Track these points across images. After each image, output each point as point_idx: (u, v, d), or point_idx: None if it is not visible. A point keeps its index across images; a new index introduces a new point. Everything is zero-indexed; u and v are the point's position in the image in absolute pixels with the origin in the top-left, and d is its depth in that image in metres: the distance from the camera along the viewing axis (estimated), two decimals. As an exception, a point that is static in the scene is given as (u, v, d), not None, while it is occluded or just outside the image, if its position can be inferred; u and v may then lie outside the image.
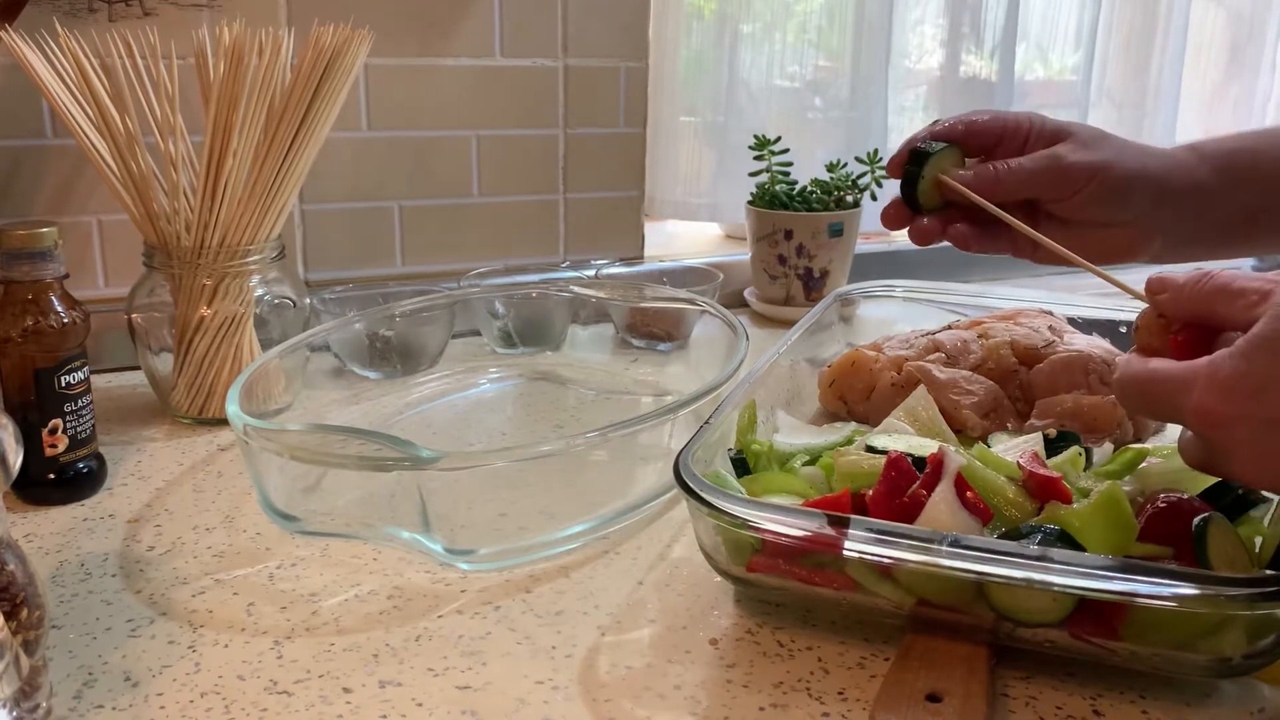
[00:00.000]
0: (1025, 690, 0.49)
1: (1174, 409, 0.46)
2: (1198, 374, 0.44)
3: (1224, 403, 0.43)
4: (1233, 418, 0.43)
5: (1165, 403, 0.46)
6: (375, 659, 0.51)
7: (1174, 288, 0.49)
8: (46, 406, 0.66)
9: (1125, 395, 0.49)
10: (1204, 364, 0.44)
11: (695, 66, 1.29)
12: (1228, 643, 0.45)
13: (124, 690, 0.48)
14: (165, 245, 0.78)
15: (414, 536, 0.59)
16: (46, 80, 0.75)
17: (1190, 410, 0.44)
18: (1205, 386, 0.43)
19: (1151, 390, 0.47)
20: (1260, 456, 0.43)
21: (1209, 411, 0.43)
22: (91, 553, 0.61)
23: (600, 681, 0.49)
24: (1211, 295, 0.47)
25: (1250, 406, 0.42)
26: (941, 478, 0.50)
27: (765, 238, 1.13)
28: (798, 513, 0.49)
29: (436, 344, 0.93)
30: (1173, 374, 0.45)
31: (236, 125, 0.76)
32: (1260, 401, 0.42)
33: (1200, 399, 0.44)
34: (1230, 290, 0.46)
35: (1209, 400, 0.43)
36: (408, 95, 1.02)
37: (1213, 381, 0.43)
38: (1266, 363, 0.42)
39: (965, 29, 1.38)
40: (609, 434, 0.60)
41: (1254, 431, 0.43)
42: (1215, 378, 0.43)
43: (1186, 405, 0.44)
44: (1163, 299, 0.49)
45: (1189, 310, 0.48)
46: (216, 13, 0.92)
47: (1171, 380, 0.45)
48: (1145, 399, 0.47)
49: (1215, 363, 0.44)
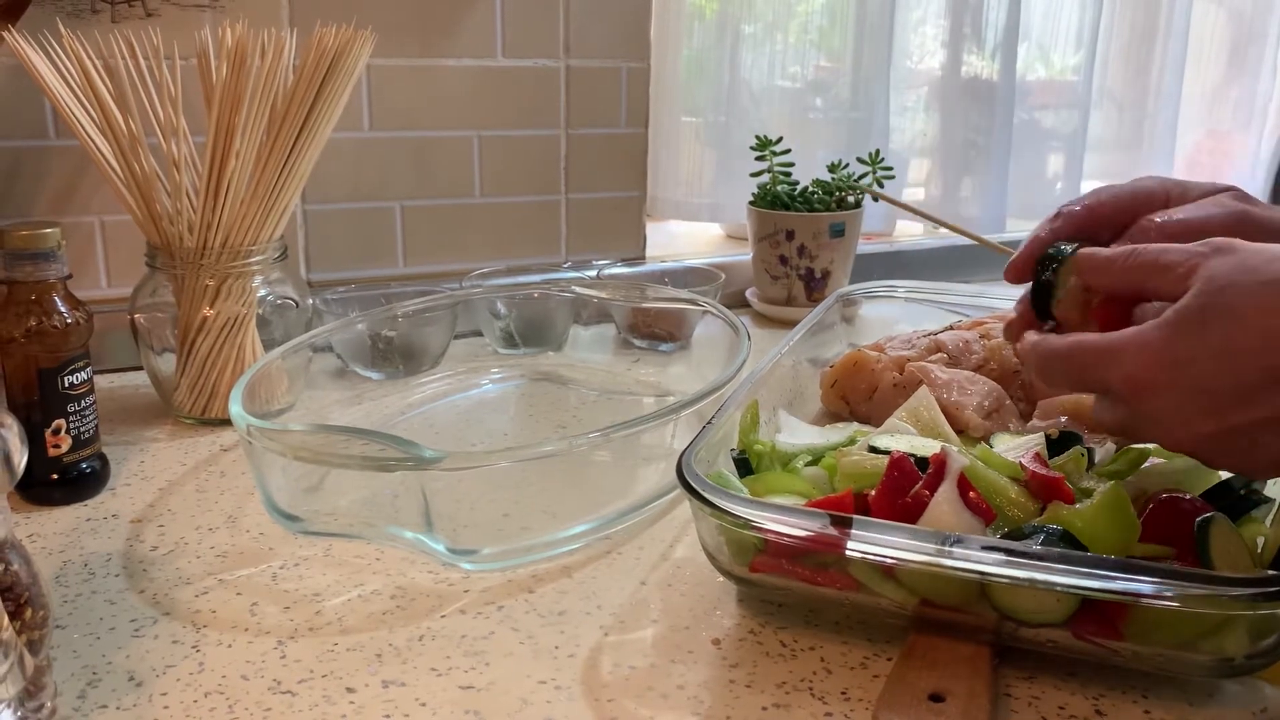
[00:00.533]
0: (1028, 690, 0.49)
1: (1100, 379, 0.47)
2: (1127, 344, 0.46)
3: (1153, 371, 0.45)
4: (1160, 385, 0.45)
5: (1091, 373, 0.47)
6: (378, 659, 0.51)
7: (1104, 262, 0.50)
8: (50, 407, 0.66)
9: (1048, 368, 0.50)
10: (1131, 334, 0.46)
11: (697, 67, 1.29)
12: (1230, 642, 0.45)
13: (128, 690, 0.48)
14: (168, 246, 0.78)
15: (417, 536, 0.59)
16: (49, 81, 0.75)
17: (1119, 379, 0.46)
18: (1134, 356, 0.45)
19: (1077, 361, 0.48)
20: (1183, 424, 0.45)
21: (1138, 380, 0.45)
22: (95, 553, 0.61)
23: (603, 681, 0.49)
24: (1142, 269, 0.48)
25: (1177, 375, 0.44)
26: (944, 478, 0.51)
27: (767, 238, 1.13)
28: (800, 513, 0.49)
29: (439, 344, 0.93)
30: (1100, 344, 0.47)
31: (239, 126, 0.76)
32: (1187, 371, 0.44)
33: (1129, 368, 0.45)
34: (1159, 264, 0.47)
35: (1138, 369, 0.45)
36: (410, 96, 1.02)
37: (1142, 351, 0.45)
38: (1194, 332, 0.44)
39: (966, 29, 1.38)
40: (611, 434, 0.60)
41: (1179, 399, 0.44)
42: (1146, 347, 0.45)
43: (1115, 375, 0.46)
44: (1093, 275, 0.50)
45: (1119, 284, 0.49)
46: (219, 14, 0.92)
47: (1099, 350, 0.47)
48: (1070, 370, 0.49)
49: (1144, 333, 0.45)
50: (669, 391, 0.91)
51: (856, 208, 1.14)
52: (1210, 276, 0.44)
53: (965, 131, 1.41)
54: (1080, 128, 1.51)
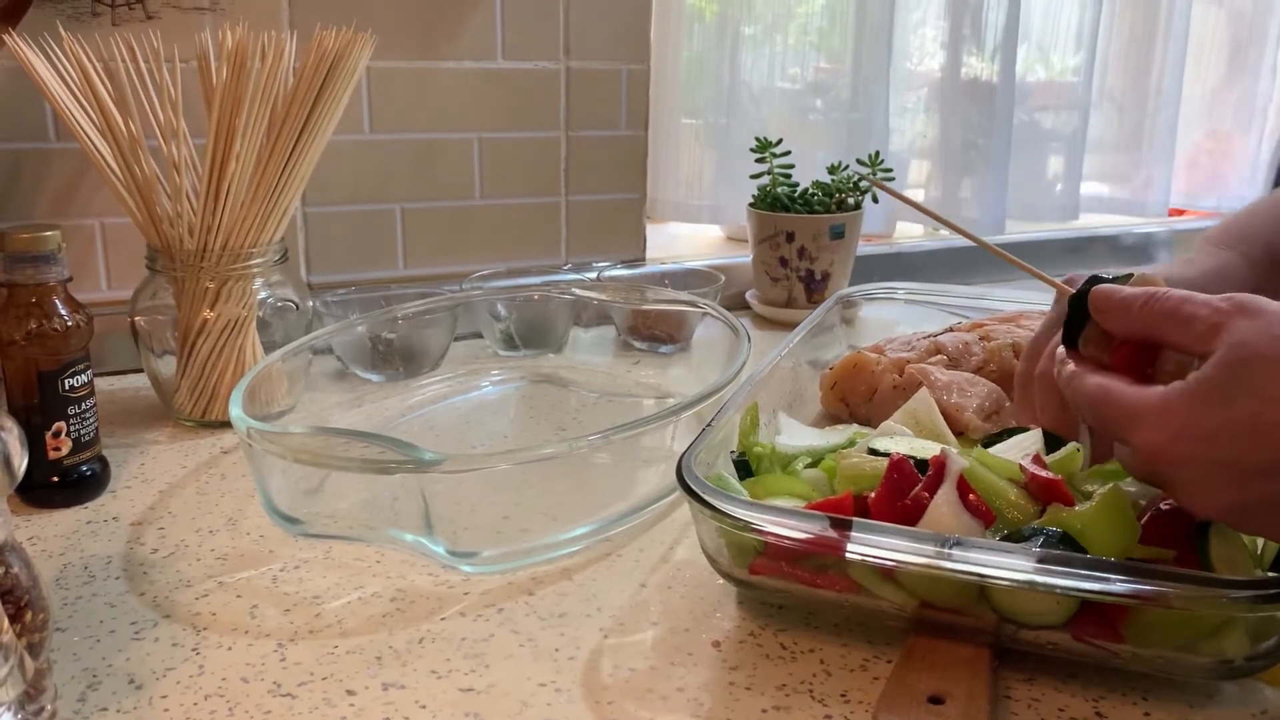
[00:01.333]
0: (1028, 692, 0.49)
1: (1122, 436, 0.46)
2: (1148, 410, 0.44)
3: (1173, 443, 0.43)
4: (1182, 458, 0.43)
5: (1115, 427, 0.47)
6: (378, 661, 0.51)
7: (1119, 306, 0.48)
8: (50, 409, 0.66)
9: (1077, 406, 0.50)
10: (1155, 400, 0.44)
11: (696, 68, 1.30)
12: (1230, 644, 0.45)
13: (128, 693, 0.49)
14: (168, 248, 0.78)
15: (417, 539, 0.59)
16: (50, 83, 0.75)
17: (1138, 444, 0.45)
18: (1154, 424, 0.44)
19: (1102, 412, 0.47)
20: (1205, 494, 0.44)
21: (1158, 449, 0.44)
22: (95, 555, 0.61)
23: (603, 684, 0.49)
24: (1161, 319, 0.46)
25: (1200, 449, 0.43)
26: (944, 480, 0.51)
27: (767, 240, 1.13)
28: (800, 515, 0.50)
29: (439, 346, 0.93)
30: (1124, 402, 0.46)
31: (239, 129, 0.76)
32: (1211, 445, 0.42)
33: (1149, 435, 0.44)
34: (1180, 316, 0.45)
35: (1158, 438, 0.44)
36: (410, 98, 1.02)
37: (1163, 420, 0.44)
38: (1219, 405, 0.42)
39: (966, 30, 1.38)
40: (611, 436, 0.60)
41: (1201, 471, 0.43)
42: (1167, 416, 0.44)
43: (1134, 438, 0.45)
44: (1109, 317, 0.49)
45: (1137, 330, 0.48)
46: (219, 16, 0.92)
47: (1122, 408, 0.46)
48: (1096, 417, 0.48)
49: (1168, 399, 0.44)
50: (669, 393, 0.91)
51: (856, 209, 1.14)
52: (1236, 343, 0.42)
53: (965, 133, 1.41)
54: (1080, 129, 1.51)
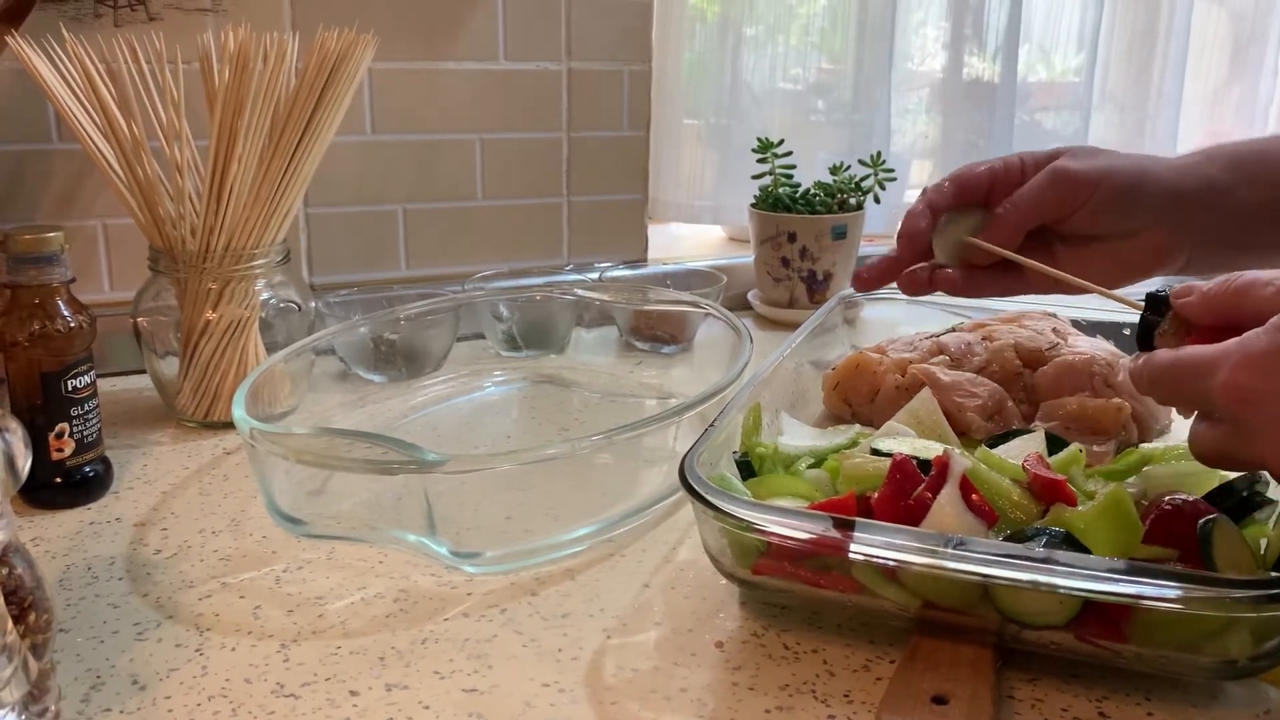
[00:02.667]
0: (1031, 692, 0.49)
1: (1201, 390, 0.45)
2: (1229, 352, 0.44)
3: (1257, 378, 0.43)
4: (1265, 393, 0.43)
5: (1192, 383, 0.46)
6: (382, 662, 0.51)
7: (1199, 291, 0.49)
8: (53, 410, 0.66)
9: (1152, 380, 0.49)
10: (1234, 342, 0.44)
11: (698, 69, 1.30)
12: (1233, 645, 0.45)
13: (131, 693, 0.49)
14: (170, 249, 0.78)
15: (420, 539, 0.59)
16: (52, 85, 0.75)
17: (1219, 386, 0.44)
18: (1237, 362, 0.43)
19: (1178, 371, 0.47)
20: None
21: (1240, 387, 0.43)
22: (98, 556, 0.61)
23: (606, 684, 0.49)
24: (1239, 292, 0.47)
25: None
26: (947, 480, 0.51)
27: (768, 240, 1.13)
28: (803, 515, 0.50)
29: (441, 347, 0.93)
30: (1202, 354, 0.46)
31: (241, 130, 0.76)
32: None
33: (1231, 375, 0.43)
34: (1258, 282, 0.46)
35: (1241, 376, 0.43)
36: (412, 99, 1.02)
37: (1245, 357, 0.43)
38: None
39: (968, 31, 1.38)
40: (614, 437, 0.60)
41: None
42: (1248, 353, 0.43)
43: (1215, 383, 0.44)
44: (1189, 301, 0.49)
45: (1216, 311, 0.48)
46: (221, 17, 0.92)
47: (1200, 359, 0.45)
48: (1170, 382, 0.47)
49: (1246, 340, 0.44)
50: (671, 394, 0.91)
51: (858, 210, 1.14)
52: None
53: (966, 133, 1.41)
54: (1081, 129, 1.51)
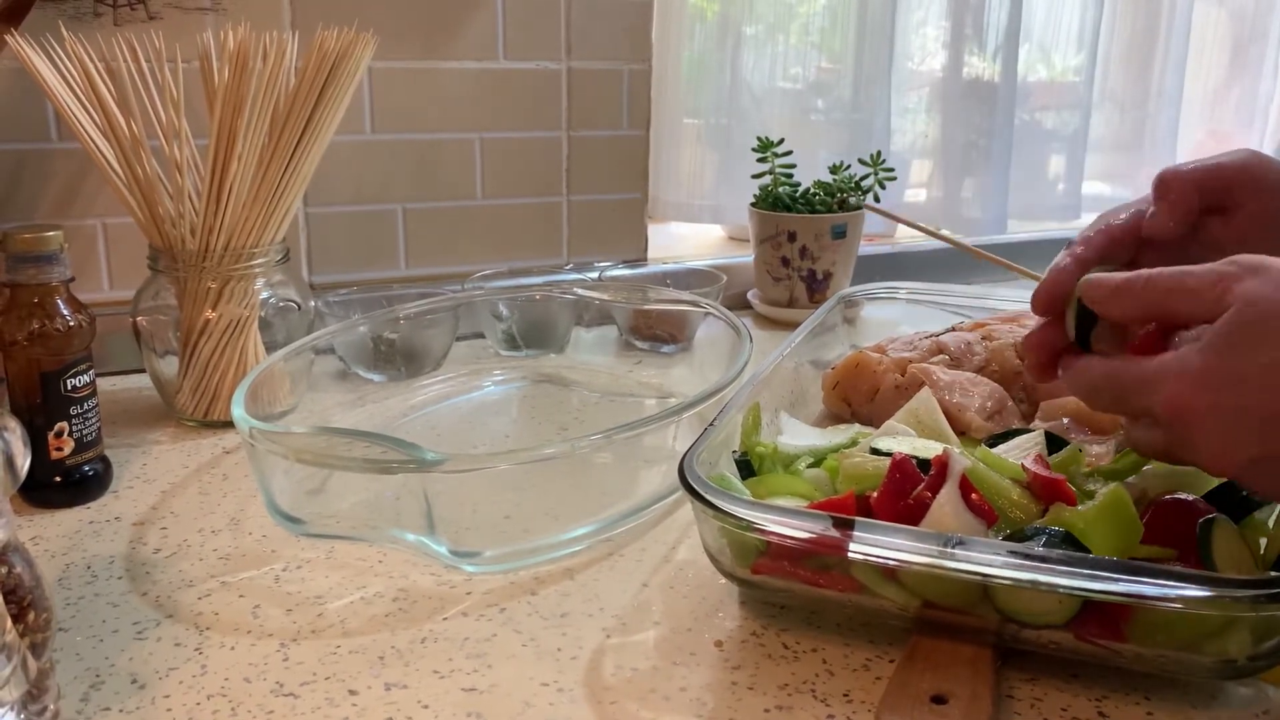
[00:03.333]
0: (1030, 692, 0.49)
1: (1142, 405, 0.46)
2: (1167, 368, 0.45)
3: (1198, 395, 0.44)
4: (1202, 410, 0.44)
5: (1132, 399, 0.47)
6: (381, 661, 0.51)
7: (1116, 292, 0.48)
8: (52, 409, 0.66)
9: (1092, 391, 0.50)
10: (1171, 358, 0.45)
11: (698, 68, 1.30)
12: (1233, 644, 0.45)
13: (131, 692, 0.49)
14: (170, 248, 0.78)
15: (419, 539, 0.59)
16: (52, 84, 0.75)
17: (1162, 403, 0.45)
18: (1178, 380, 0.44)
19: (1117, 385, 0.47)
20: (1226, 449, 0.44)
21: (1179, 404, 0.44)
22: (98, 555, 0.61)
23: (605, 684, 0.49)
24: (1165, 295, 0.46)
25: (1221, 398, 0.43)
26: (946, 480, 0.50)
27: (768, 240, 1.13)
28: (802, 515, 0.49)
29: (440, 346, 0.93)
30: (1139, 370, 0.46)
31: (241, 129, 0.76)
32: (1231, 393, 0.43)
33: (1171, 392, 0.44)
34: (1185, 288, 0.46)
35: (1183, 393, 0.44)
36: (411, 98, 1.02)
37: (1184, 374, 0.44)
38: (1239, 353, 0.43)
39: (968, 30, 1.38)
40: (613, 436, 0.60)
41: (1222, 423, 0.43)
42: (1187, 371, 0.44)
43: (1157, 399, 0.45)
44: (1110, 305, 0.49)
45: (1144, 311, 0.48)
46: (221, 16, 0.92)
47: (1138, 376, 0.46)
48: (1110, 392, 0.48)
49: (1184, 356, 0.44)
50: (671, 393, 0.91)
51: (858, 209, 1.14)
52: (1250, 298, 0.43)
53: (966, 133, 1.41)
54: (1082, 128, 1.51)
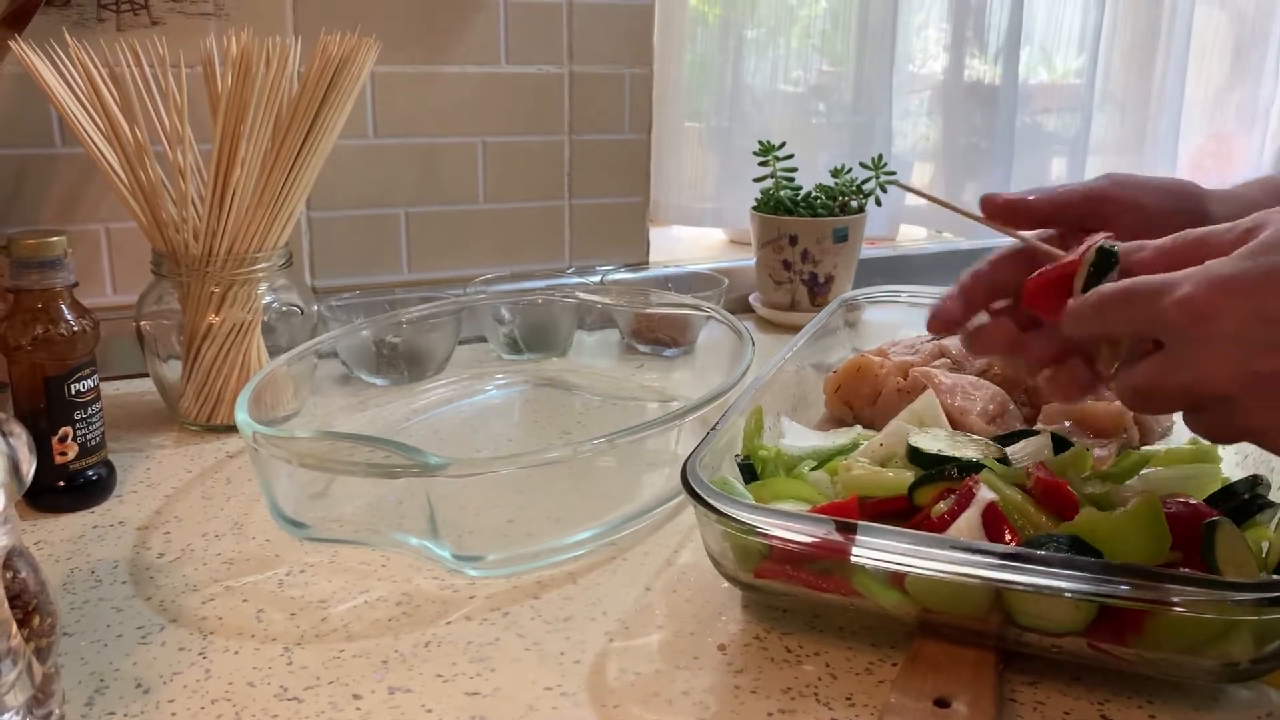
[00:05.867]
0: (1033, 695, 0.49)
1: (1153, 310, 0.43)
2: (1190, 273, 0.43)
3: (1217, 294, 0.42)
4: (1220, 310, 0.41)
5: (1144, 304, 0.44)
6: (385, 665, 0.51)
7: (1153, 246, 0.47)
8: (56, 414, 0.67)
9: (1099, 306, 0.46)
10: (1197, 267, 0.43)
11: (699, 72, 1.30)
12: (1235, 647, 0.45)
13: (135, 697, 0.49)
14: (173, 253, 0.78)
15: (422, 543, 0.59)
16: (55, 89, 0.76)
17: (1175, 301, 0.42)
18: (1198, 280, 0.42)
19: (1132, 294, 0.45)
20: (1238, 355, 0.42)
21: (1196, 302, 0.42)
22: (102, 560, 0.62)
23: (609, 688, 0.49)
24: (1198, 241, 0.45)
25: (1245, 302, 0.41)
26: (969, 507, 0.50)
27: (770, 243, 1.13)
28: (805, 519, 0.50)
29: (443, 350, 0.93)
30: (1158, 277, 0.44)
31: (244, 134, 0.76)
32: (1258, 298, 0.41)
33: (1190, 290, 0.42)
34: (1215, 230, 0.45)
35: (1201, 291, 0.42)
36: (414, 102, 1.02)
37: (1208, 276, 0.42)
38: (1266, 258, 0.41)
39: (969, 33, 1.38)
40: (616, 440, 0.60)
41: (1239, 325, 0.41)
42: (1211, 273, 0.42)
43: (1170, 300, 0.42)
44: (1143, 257, 0.47)
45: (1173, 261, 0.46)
46: (224, 21, 0.92)
47: (1158, 279, 0.44)
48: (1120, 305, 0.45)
49: (1209, 265, 0.43)
50: (673, 397, 0.91)
51: (860, 212, 1.14)
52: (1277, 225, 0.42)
53: (968, 135, 1.41)
54: (1083, 131, 1.51)
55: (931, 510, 0.51)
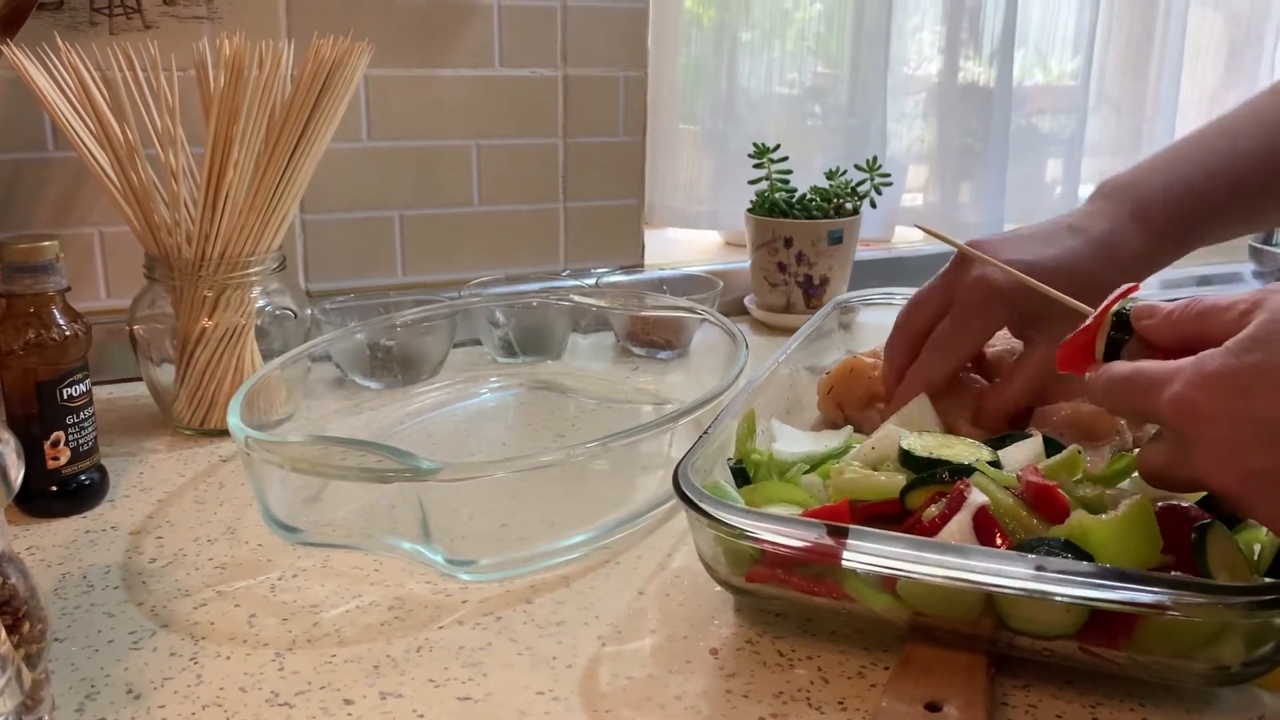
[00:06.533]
0: (1025, 698, 0.49)
1: (1152, 403, 0.45)
2: (1182, 368, 0.44)
3: (1205, 396, 0.43)
4: (1212, 413, 0.43)
5: (1144, 396, 0.46)
6: (376, 670, 0.51)
7: (1162, 314, 0.49)
8: (48, 419, 0.66)
9: (1106, 389, 0.49)
10: (1189, 360, 0.44)
11: (694, 74, 1.30)
12: (1227, 650, 0.45)
13: (126, 703, 0.49)
14: (166, 257, 0.78)
15: (415, 547, 0.59)
16: (47, 93, 0.75)
17: (1168, 400, 0.44)
18: (1189, 379, 0.44)
19: (1132, 383, 0.47)
20: (1232, 457, 0.43)
21: (1188, 402, 0.43)
22: (94, 565, 0.61)
23: (601, 692, 0.49)
24: (1201, 315, 0.47)
25: (1233, 403, 0.42)
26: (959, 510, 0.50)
27: (765, 245, 1.13)
28: (796, 523, 0.50)
29: (437, 354, 0.93)
30: (1157, 368, 0.46)
31: (237, 137, 0.76)
32: (1244, 399, 0.42)
33: (1182, 390, 0.44)
34: (1219, 306, 0.46)
35: (1190, 392, 0.43)
36: (408, 105, 1.02)
37: (1198, 374, 0.43)
38: (1255, 359, 0.42)
39: (964, 35, 1.38)
40: (609, 444, 0.60)
41: (1231, 428, 0.43)
42: (1201, 371, 0.43)
43: (1164, 397, 0.44)
44: (1151, 324, 0.49)
45: (1178, 333, 0.48)
46: (216, 25, 0.92)
47: (1154, 373, 0.46)
48: (1123, 393, 0.48)
49: (1202, 358, 0.44)
50: (667, 399, 0.91)
51: (854, 215, 1.14)
52: (1274, 307, 0.43)
53: (963, 137, 1.41)
54: (1078, 133, 1.51)
55: (923, 514, 0.51)
